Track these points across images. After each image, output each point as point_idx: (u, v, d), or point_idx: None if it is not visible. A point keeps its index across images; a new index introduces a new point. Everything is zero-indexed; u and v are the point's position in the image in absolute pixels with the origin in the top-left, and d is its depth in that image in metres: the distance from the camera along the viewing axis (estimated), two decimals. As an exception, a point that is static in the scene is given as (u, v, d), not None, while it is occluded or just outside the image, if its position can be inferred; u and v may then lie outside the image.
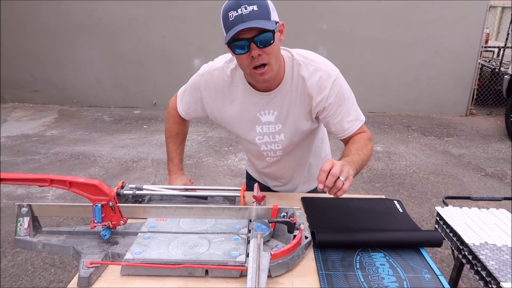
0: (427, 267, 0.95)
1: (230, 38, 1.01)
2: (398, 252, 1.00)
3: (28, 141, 4.57)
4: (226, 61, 1.25)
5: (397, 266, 0.94)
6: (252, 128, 1.26)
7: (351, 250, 1.00)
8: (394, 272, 0.91)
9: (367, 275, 0.90)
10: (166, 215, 1.00)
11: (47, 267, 2.32)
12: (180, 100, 1.39)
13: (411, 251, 1.01)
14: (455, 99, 5.86)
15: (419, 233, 1.07)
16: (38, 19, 5.84)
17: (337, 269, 0.92)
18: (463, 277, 2.17)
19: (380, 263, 0.95)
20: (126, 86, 6.12)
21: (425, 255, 1.00)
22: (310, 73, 1.18)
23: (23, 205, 0.99)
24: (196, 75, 1.29)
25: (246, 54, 1.05)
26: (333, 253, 0.98)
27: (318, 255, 0.98)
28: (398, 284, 0.87)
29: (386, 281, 0.88)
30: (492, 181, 3.64)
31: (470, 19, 5.46)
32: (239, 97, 1.22)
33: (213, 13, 5.61)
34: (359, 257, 0.97)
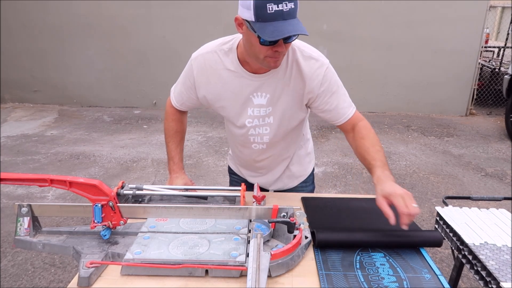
0: (427, 267, 0.95)
1: (273, 40, 1.00)
2: (398, 252, 1.00)
3: (28, 141, 4.57)
4: (218, 44, 1.25)
5: (397, 266, 0.94)
6: (243, 111, 1.26)
7: (351, 250, 1.00)
8: (394, 272, 0.91)
9: (367, 275, 0.90)
10: (166, 215, 1.00)
11: (47, 267, 2.32)
12: (173, 93, 1.39)
13: (411, 251, 1.01)
14: (455, 99, 5.86)
15: (419, 233, 1.07)
16: (38, 19, 5.83)
17: (337, 269, 0.92)
18: (463, 277, 2.17)
19: (380, 263, 0.95)
20: (126, 86, 6.12)
21: (425, 255, 1.00)
22: (304, 59, 1.19)
23: (23, 205, 0.99)
24: (188, 63, 1.30)
25: (271, 46, 1.05)
26: (333, 253, 0.99)
27: (318, 255, 0.98)
28: (398, 284, 0.87)
29: (386, 281, 0.88)
30: (492, 181, 3.64)
31: (470, 19, 5.46)
32: (232, 79, 1.22)
33: (213, 13, 5.65)
34: (359, 257, 0.97)
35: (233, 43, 1.24)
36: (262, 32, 0.99)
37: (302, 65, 1.18)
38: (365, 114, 1.31)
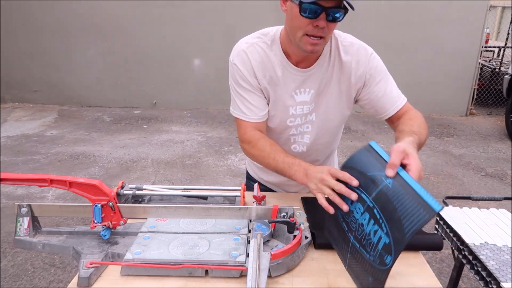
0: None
1: None
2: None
3: (28, 141, 4.57)
4: (258, 37, 1.16)
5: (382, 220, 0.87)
6: (286, 109, 1.17)
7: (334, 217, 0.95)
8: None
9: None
10: (166, 215, 1.00)
11: (47, 267, 2.32)
12: (242, 114, 1.17)
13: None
14: (455, 99, 5.86)
15: (420, 237, 1.06)
16: (38, 20, 5.83)
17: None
18: (463, 277, 2.17)
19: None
20: (126, 86, 6.13)
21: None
22: (347, 48, 1.14)
23: (23, 205, 0.99)
24: (230, 68, 1.17)
25: (311, 20, 0.99)
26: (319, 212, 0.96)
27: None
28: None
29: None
30: (492, 181, 3.64)
31: (471, 19, 5.46)
32: (278, 72, 1.14)
33: (213, 13, 5.65)
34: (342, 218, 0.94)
35: (275, 34, 1.16)
36: None
37: (344, 54, 1.13)
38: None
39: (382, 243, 0.77)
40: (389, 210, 0.77)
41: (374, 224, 0.80)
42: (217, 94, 5.78)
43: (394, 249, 0.75)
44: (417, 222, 0.72)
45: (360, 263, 0.84)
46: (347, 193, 0.86)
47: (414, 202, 0.73)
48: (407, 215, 0.73)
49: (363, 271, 0.83)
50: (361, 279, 0.84)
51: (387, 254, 0.76)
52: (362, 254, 0.83)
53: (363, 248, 0.83)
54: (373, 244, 0.79)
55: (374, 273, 0.79)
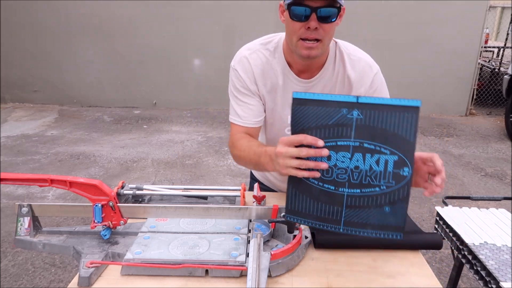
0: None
1: (293, 0, 0.94)
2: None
3: (28, 141, 4.57)
4: (261, 44, 1.15)
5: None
6: (284, 119, 1.16)
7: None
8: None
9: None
10: (166, 215, 1.00)
11: (47, 267, 2.33)
12: (238, 118, 1.16)
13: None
14: (455, 99, 5.86)
15: (419, 236, 1.06)
16: (38, 20, 5.84)
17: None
18: (463, 277, 2.18)
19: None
20: (126, 86, 6.13)
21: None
22: (353, 63, 1.12)
23: (23, 205, 0.99)
24: (231, 73, 1.16)
25: (302, 23, 0.98)
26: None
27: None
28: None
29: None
30: (492, 181, 3.64)
31: (470, 19, 5.46)
32: (280, 81, 1.13)
33: (213, 13, 5.65)
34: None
35: (278, 41, 1.15)
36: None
37: (351, 68, 1.11)
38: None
39: (392, 164, 0.77)
40: (379, 135, 0.76)
41: (372, 157, 0.78)
42: (217, 94, 5.77)
43: (407, 158, 0.76)
44: (411, 124, 0.74)
45: (366, 206, 0.81)
46: (317, 153, 0.78)
47: (395, 113, 0.74)
48: (399, 126, 0.74)
49: (374, 210, 0.81)
50: (371, 220, 0.81)
51: (402, 167, 0.77)
52: (368, 194, 0.80)
53: (367, 188, 0.80)
54: (380, 172, 0.78)
55: (391, 199, 0.79)
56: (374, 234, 0.82)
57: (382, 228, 0.81)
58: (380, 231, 0.82)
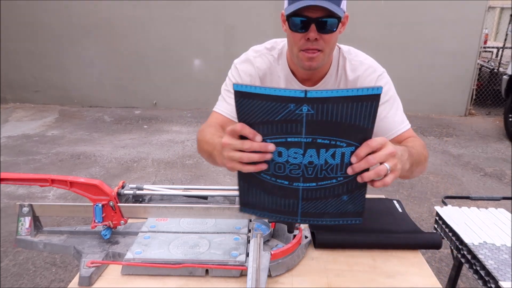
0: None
1: (292, 11, 0.92)
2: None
3: (29, 141, 4.58)
4: (266, 49, 1.14)
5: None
6: None
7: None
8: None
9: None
10: (166, 215, 1.00)
11: (48, 267, 2.33)
12: (220, 104, 1.16)
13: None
14: (454, 99, 5.86)
15: (419, 235, 1.07)
16: (39, 20, 5.84)
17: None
18: (462, 277, 2.18)
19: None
20: (126, 86, 6.13)
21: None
22: (354, 67, 1.11)
23: (24, 205, 0.99)
24: (234, 70, 1.15)
25: (302, 34, 0.96)
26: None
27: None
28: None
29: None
30: (491, 181, 3.65)
31: (469, 20, 5.46)
32: (282, 87, 1.13)
33: (213, 13, 5.66)
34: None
35: (282, 48, 1.14)
36: (287, 10, 0.94)
37: (351, 72, 1.10)
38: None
39: (349, 155, 0.71)
40: (333, 129, 0.69)
41: (327, 151, 0.71)
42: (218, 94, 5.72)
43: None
44: (369, 112, 0.67)
45: (323, 197, 0.77)
46: (261, 147, 0.70)
47: (352, 104, 0.66)
48: (356, 116, 0.67)
49: (331, 200, 0.77)
50: (329, 209, 0.78)
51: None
52: (324, 186, 0.75)
53: (323, 180, 0.74)
54: (337, 165, 0.72)
55: (349, 188, 0.75)
56: (333, 222, 0.80)
57: (341, 216, 0.79)
58: (338, 219, 0.80)
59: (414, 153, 0.88)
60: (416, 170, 0.92)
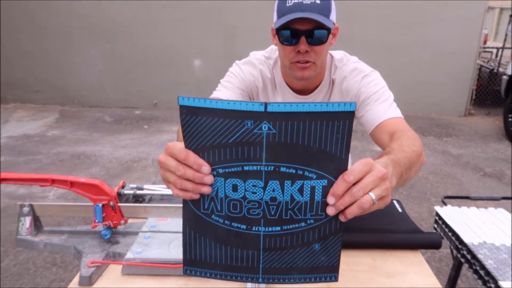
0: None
1: (281, 24, 0.92)
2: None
3: (30, 141, 4.58)
4: (265, 58, 1.15)
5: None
6: None
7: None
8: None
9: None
10: (166, 215, 1.00)
11: (48, 267, 2.33)
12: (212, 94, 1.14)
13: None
14: (454, 100, 5.87)
15: (418, 235, 1.07)
16: (40, 20, 5.84)
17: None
18: (462, 276, 2.18)
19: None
20: (126, 87, 6.13)
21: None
22: (342, 72, 1.11)
23: (24, 205, 0.99)
24: (237, 68, 1.13)
25: (292, 46, 0.97)
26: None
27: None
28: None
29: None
30: (491, 181, 3.65)
31: (469, 20, 5.47)
32: (278, 98, 1.13)
33: (213, 14, 5.66)
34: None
35: (277, 58, 1.13)
36: (276, 24, 0.94)
37: (339, 80, 1.10)
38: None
39: (320, 190, 0.58)
40: (300, 154, 0.56)
41: (293, 184, 0.58)
42: (217, 94, 5.77)
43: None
44: (342, 135, 0.55)
45: (289, 246, 0.62)
46: (196, 178, 0.58)
47: (321, 123, 0.54)
48: (326, 139, 0.55)
49: (300, 250, 0.63)
50: (297, 262, 0.63)
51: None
52: (291, 231, 0.61)
53: (290, 224, 0.61)
54: (306, 203, 0.59)
55: (321, 234, 0.61)
56: (303, 279, 0.64)
57: (312, 271, 0.64)
58: (309, 275, 0.64)
59: (401, 159, 0.76)
60: (409, 174, 0.81)
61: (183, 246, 0.64)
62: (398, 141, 0.91)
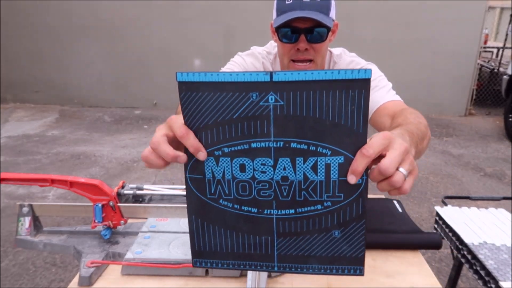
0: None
1: (281, 23, 0.92)
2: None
3: (29, 141, 4.58)
4: (267, 52, 1.15)
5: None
6: None
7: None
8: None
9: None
10: (166, 215, 1.00)
11: (48, 267, 2.33)
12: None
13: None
14: (454, 99, 5.87)
15: (419, 235, 1.06)
16: (39, 20, 5.84)
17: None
18: (462, 277, 2.18)
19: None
20: (126, 87, 6.13)
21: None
22: (341, 67, 1.11)
23: (24, 205, 0.99)
24: (239, 58, 1.13)
25: (292, 44, 0.97)
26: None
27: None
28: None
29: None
30: (491, 181, 3.65)
31: (469, 20, 5.47)
32: None
33: (213, 13, 5.66)
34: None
35: (276, 54, 1.14)
36: (276, 22, 0.94)
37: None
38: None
39: (336, 168, 0.53)
40: (311, 128, 0.51)
41: (306, 161, 0.53)
42: (217, 94, 5.77)
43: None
44: (358, 106, 0.49)
45: (306, 232, 0.57)
46: (193, 148, 0.55)
47: (334, 92, 0.49)
48: (340, 111, 0.50)
49: (318, 237, 0.57)
50: (316, 250, 0.58)
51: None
52: (307, 214, 0.56)
53: (304, 206, 0.56)
54: (321, 182, 0.54)
55: (340, 219, 0.55)
56: (323, 270, 0.59)
57: (333, 261, 0.58)
58: (330, 266, 0.59)
59: (413, 130, 0.72)
60: (423, 145, 0.77)
61: (190, 237, 0.60)
62: (402, 116, 0.87)
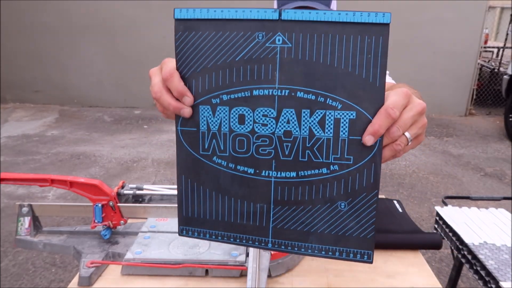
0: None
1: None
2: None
3: (29, 141, 4.58)
4: None
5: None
6: None
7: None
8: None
9: None
10: (166, 215, 1.00)
11: (47, 267, 2.33)
12: None
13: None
14: (455, 99, 5.86)
15: (419, 236, 1.06)
16: (39, 20, 5.84)
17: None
18: (463, 277, 2.18)
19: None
20: (126, 87, 6.13)
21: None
22: None
23: (24, 205, 0.99)
24: None
25: None
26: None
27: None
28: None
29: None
30: (491, 181, 3.65)
31: (469, 20, 5.47)
32: None
33: (213, 13, 5.66)
34: None
35: None
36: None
37: None
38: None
39: (346, 125, 0.46)
40: (321, 76, 0.45)
41: (312, 114, 0.46)
42: (217, 94, 5.77)
43: (373, 114, 0.45)
44: (376, 54, 0.44)
45: (307, 201, 0.49)
46: (172, 107, 0.50)
47: (348, 37, 0.44)
48: (355, 59, 0.44)
49: (320, 208, 0.49)
50: (317, 226, 0.49)
51: (364, 132, 0.45)
52: (310, 179, 0.48)
53: (308, 168, 0.48)
54: (328, 141, 0.46)
55: (348, 187, 0.47)
56: (324, 252, 0.50)
57: (337, 242, 0.49)
58: (332, 247, 0.50)
59: (415, 93, 0.67)
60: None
61: (178, 201, 0.53)
62: (397, 86, 0.80)
